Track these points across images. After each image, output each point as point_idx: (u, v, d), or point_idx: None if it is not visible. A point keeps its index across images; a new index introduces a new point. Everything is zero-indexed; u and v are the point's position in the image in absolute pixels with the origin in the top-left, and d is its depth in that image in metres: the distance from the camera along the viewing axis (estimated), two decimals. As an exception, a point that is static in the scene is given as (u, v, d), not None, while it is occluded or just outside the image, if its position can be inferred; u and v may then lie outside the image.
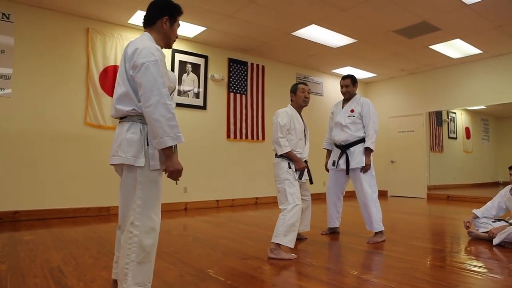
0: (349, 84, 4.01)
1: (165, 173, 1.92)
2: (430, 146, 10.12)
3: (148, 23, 1.99)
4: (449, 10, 5.24)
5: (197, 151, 6.58)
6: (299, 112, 3.57)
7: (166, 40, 2.03)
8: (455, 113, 11.23)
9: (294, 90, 3.58)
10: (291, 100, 3.61)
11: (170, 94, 2.00)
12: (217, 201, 6.75)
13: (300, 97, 3.54)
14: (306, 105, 3.59)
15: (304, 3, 5.04)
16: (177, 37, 2.11)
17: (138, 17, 5.50)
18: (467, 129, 11.80)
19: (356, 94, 4.08)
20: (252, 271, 2.73)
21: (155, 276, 2.54)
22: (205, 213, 5.96)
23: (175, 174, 1.84)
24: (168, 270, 2.73)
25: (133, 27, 5.91)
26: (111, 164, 1.96)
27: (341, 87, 4.07)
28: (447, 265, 3.01)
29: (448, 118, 11.04)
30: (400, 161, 9.15)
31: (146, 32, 1.99)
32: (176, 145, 2.03)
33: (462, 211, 6.37)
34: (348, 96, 4.05)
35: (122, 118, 1.92)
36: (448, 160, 10.89)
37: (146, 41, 1.89)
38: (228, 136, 7.00)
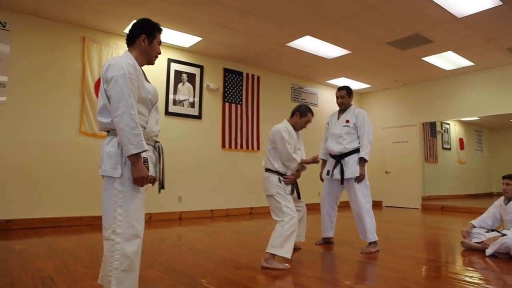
0: (345, 95, 4.05)
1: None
2: (424, 156, 10.19)
3: (129, 42, 2.13)
4: (441, 23, 5.33)
5: (192, 160, 6.58)
6: (295, 130, 3.56)
7: (146, 56, 2.15)
8: (448, 124, 11.34)
9: (304, 113, 3.50)
10: (292, 116, 3.56)
11: (152, 107, 2.13)
12: (212, 210, 6.73)
13: (302, 123, 3.54)
14: (298, 131, 3.59)
15: (298, 14, 5.10)
16: (159, 53, 2.22)
17: (134, 27, 5.53)
18: (460, 140, 11.91)
19: (351, 105, 4.12)
20: (245, 280, 2.72)
21: (148, 286, 2.53)
22: (200, 222, 5.93)
23: (139, 181, 1.90)
24: (161, 279, 2.72)
25: (129, 37, 5.94)
26: None
27: (337, 98, 4.11)
28: (441, 275, 3.01)
29: (442, 129, 11.14)
30: (395, 172, 9.18)
31: (127, 51, 2.11)
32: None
33: (456, 221, 6.39)
34: (343, 107, 4.09)
35: (108, 132, 2.01)
36: (442, 171, 10.95)
37: (120, 57, 2.00)
38: (223, 146, 7.01)
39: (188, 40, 6.12)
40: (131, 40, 2.12)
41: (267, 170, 3.41)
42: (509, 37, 5.90)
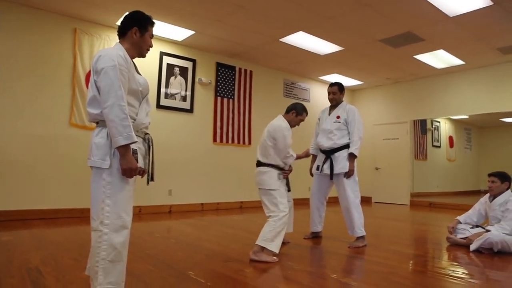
0: (336, 91, 4.08)
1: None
2: (414, 154, 10.29)
3: (120, 34, 2.12)
4: (433, 22, 5.37)
5: (183, 154, 6.57)
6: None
7: (137, 49, 2.14)
8: (439, 122, 11.45)
9: (299, 112, 3.55)
10: (287, 113, 3.57)
11: (143, 99, 2.13)
12: (202, 204, 6.74)
13: (298, 121, 3.59)
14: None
15: (292, 10, 5.10)
16: (151, 46, 2.21)
17: (126, 19, 5.49)
18: (450, 138, 12.04)
19: (342, 101, 4.15)
20: (233, 273, 2.74)
21: (137, 278, 2.54)
22: (190, 216, 5.94)
23: (128, 172, 1.91)
24: (150, 271, 2.73)
25: (121, 29, 5.89)
26: None
27: (328, 94, 4.13)
28: (426, 269, 3.07)
29: (432, 126, 11.25)
30: (385, 168, 9.27)
31: (118, 43, 2.10)
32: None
33: (443, 217, 6.49)
34: (335, 103, 4.12)
35: (97, 123, 2.01)
36: (431, 168, 11.08)
37: (111, 49, 1.99)
38: (215, 140, 7.01)
39: (181, 33, 6.09)
40: (122, 32, 2.11)
41: (267, 165, 3.40)
42: (499, 37, 5.97)
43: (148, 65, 6.18)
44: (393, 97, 9.23)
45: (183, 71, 6.67)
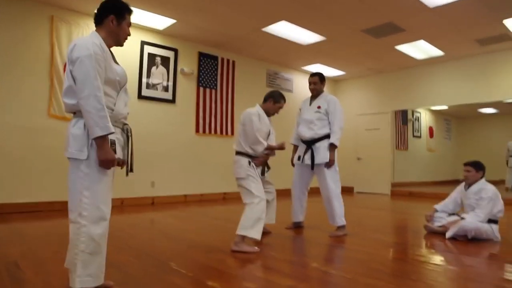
0: (317, 82, 4.10)
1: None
2: (395, 144, 10.46)
3: (97, 22, 2.08)
4: (413, 12, 5.43)
5: (165, 145, 6.53)
6: (267, 115, 3.60)
7: (114, 38, 2.10)
8: (419, 112, 11.67)
9: (277, 100, 3.54)
10: (265, 102, 3.59)
11: (121, 89, 2.10)
12: (185, 196, 6.72)
13: (275, 109, 3.58)
14: (270, 117, 3.62)
15: (274, -1, 5.08)
16: (129, 35, 2.16)
17: (105, 7, 5.37)
18: (430, 129, 12.29)
19: (323, 91, 4.16)
20: (215, 263, 2.76)
21: (118, 269, 2.54)
22: (173, 207, 5.92)
23: (105, 163, 1.90)
24: (130, 263, 2.72)
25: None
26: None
27: (309, 84, 4.15)
28: (405, 257, 3.15)
29: (413, 117, 11.46)
30: (366, 158, 9.40)
31: (94, 31, 2.06)
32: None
33: (422, 206, 6.64)
34: (315, 93, 4.13)
35: (74, 113, 1.98)
36: (412, 158, 11.31)
37: (86, 38, 1.96)
38: (197, 131, 6.97)
39: (162, 22, 5.99)
40: (99, 20, 2.07)
41: (238, 153, 3.44)
42: (477, 29, 6.08)
43: (128, 55, 6.08)
44: (375, 87, 9.33)
45: (165, 61, 6.58)
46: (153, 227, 4.36)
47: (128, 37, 2.20)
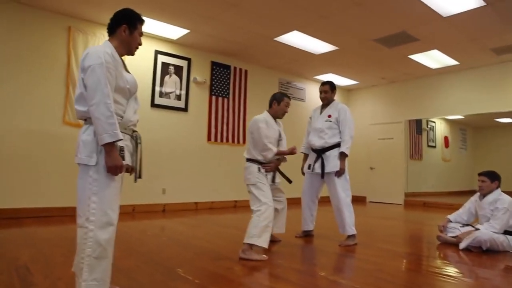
0: (328, 90, 4.09)
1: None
2: (409, 153, 10.32)
3: (110, 31, 2.13)
4: (427, 22, 5.39)
5: (177, 152, 6.58)
6: (275, 120, 3.62)
7: (126, 47, 2.14)
8: (434, 122, 11.49)
9: (279, 100, 3.59)
10: (271, 106, 3.62)
11: (131, 97, 2.14)
12: (196, 203, 6.74)
13: (282, 109, 3.61)
14: (282, 118, 3.67)
15: (286, 9, 5.11)
16: (140, 44, 2.21)
17: (120, 17, 5.48)
18: (445, 138, 12.09)
19: (334, 100, 4.15)
20: (222, 270, 2.75)
21: (125, 274, 2.55)
22: (183, 215, 5.94)
23: (113, 169, 1.92)
24: (139, 269, 2.73)
25: (116, 27, 5.87)
26: None
27: (320, 92, 4.15)
28: (415, 267, 3.09)
29: (427, 126, 11.29)
30: (379, 168, 9.29)
31: (107, 40, 2.11)
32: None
33: (436, 217, 6.50)
34: (326, 102, 4.13)
35: (85, 120, 2.02)
36: (426, 168, 11.11)
37: (99, 46, 2.00)
38: (209, 139, 7.01)
39: (175, 32, 6.09)
40: (111, 29, 2.12)
41: (248, 160, 3.46)
42: (492, 38, 5.99)
43: (142, 64, 6.18)
44: (388, 97, 9.26)
45: (178, 70, 6.67)
46: (162, 234, 4.38)
47: (142, 47, 2.25)
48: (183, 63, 6.73)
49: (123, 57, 2.15)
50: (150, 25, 5.75)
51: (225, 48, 6.87)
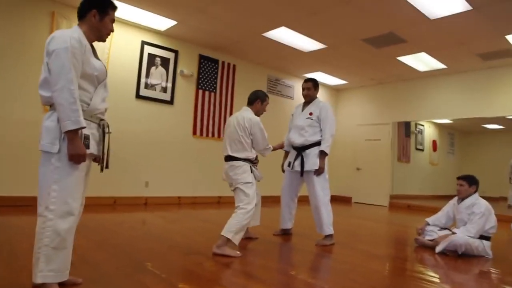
0: (311, 87, 4.04)
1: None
2: (397, 156, 10.35)
3: (79, 16, 2.07)
4: (414, 24, 5.37)
5: (162, 145, 6.50)
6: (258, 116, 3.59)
7: (96, 33, 2.09)
8: (423, 125, 11.55)
9: (263, 99, 3.58)
10: (252, 104, 3.57)
11: (99, 84, 2.08)
12: (179, 197, 6.67)
13: (263, 109, 3.63)
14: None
15: (273, 4, 5.04)
16: (112, 31, 2.15)
17: (106, 5, 5.38)
18: (434, 142, 12.16)
19: (317, 98, 4.11)
20: (192, 266, 2.70)
21: (91, 266, 2.49)
22: (165, 209, 5.87)
23: (75, 158, 1.87)
24: (106, 261, 2.67)
25: (102, 15, 5.75)
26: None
27: (303, 89, 4.10)
28: (388, 270, 3.07)
29: (416, 130, 11.35)
30: (366, 169, 9.29)
31: (76, 25, 2.05)
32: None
33: (418, 219, 6.50)
34: (308, 99, 4.08)
35: (50, 106, 1.97)
36: (414, 171, 11.18)
37: (65, 31, 1.95)
38: (194, 133, 6.94)
39: (163, 23, 5.99)
40: (81, 14, 2.06)
41: (239, 159, 3.36)
42: (479, 43, 6.00)
43: (128, 54, 6.08)
44: (377, 98, 9.26)
45: (165, 61, 6.58)
46: (139, 227, 4.31)
47: (128, 37, 2.20)
48: (170, 55, 6.64)
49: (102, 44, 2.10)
50: (137, 15, 5.65)
51: (214, 41, 6.80)
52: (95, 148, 2.06)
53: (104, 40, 2.19)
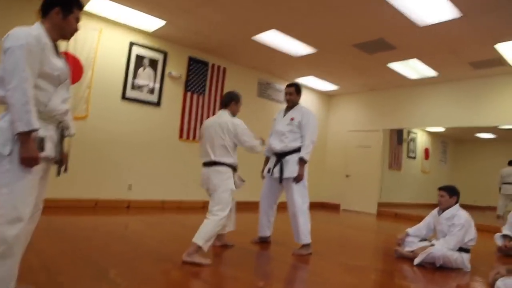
0: (293, 92, 3.96)
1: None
2: (388, 163, 10.29)
3: (42, 12, 1.98)
4: (403, 30, 5.32)
5: (147, 148, 6.40)
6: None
7: (59, 31, 2.00)
8: (415, 133, 11.52)
9: (237, 99, 3.52)
10: (228, 105, 3.49)
11: (60, 84, 1.98)
12: (163, 201, 6.56)
13: (238, 108, 3.56)
14: None
15: (263, 5, 4.97)
16: (76, 30, 2.07)
17: (95, 4, 5.29)
18: (426, 150, 12.12)
19: (299, 103, 4.03)
20: (158, 275, 2.62)
21: (52, 274, 2.40)
22: (147, 212, 5.77)
23: (27, 161, 1.78)
24: (70, 268, 2.57)
25: (91, 14, 5.66)
26: None
27: (285, 94, 4.02)
28: (363, 283, 2.98)
29: (408, 137, 11.31)
30: (355, 176, 9.19)
31: (38, 22, 1.96)
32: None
33: (403, 228, 6.41)
34: (291, 104, 4.00)
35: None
36: (405, 179, 11.13)
37: (24, 28, 1.86)
38: (181, 136, 6.85)
39: (151, 23, 5.91)
40: (44, 10, 1.97)
41: (224, 164, 3.27)
42: (470, 51, 5.96)
43: (116, 54, 6.00)
44: (368, 104, 9.20)
45: (153, 63, 6.50)
46: (116, 231, 4.21)
47: (116, 37, 2.12)
48: (158, 57, 6.56)
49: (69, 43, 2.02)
50: (126, 15, 5.58)
51: (203, 44, 6.72)
52: (52, 151, 1.97)
53: (68, 39, 2.10)
